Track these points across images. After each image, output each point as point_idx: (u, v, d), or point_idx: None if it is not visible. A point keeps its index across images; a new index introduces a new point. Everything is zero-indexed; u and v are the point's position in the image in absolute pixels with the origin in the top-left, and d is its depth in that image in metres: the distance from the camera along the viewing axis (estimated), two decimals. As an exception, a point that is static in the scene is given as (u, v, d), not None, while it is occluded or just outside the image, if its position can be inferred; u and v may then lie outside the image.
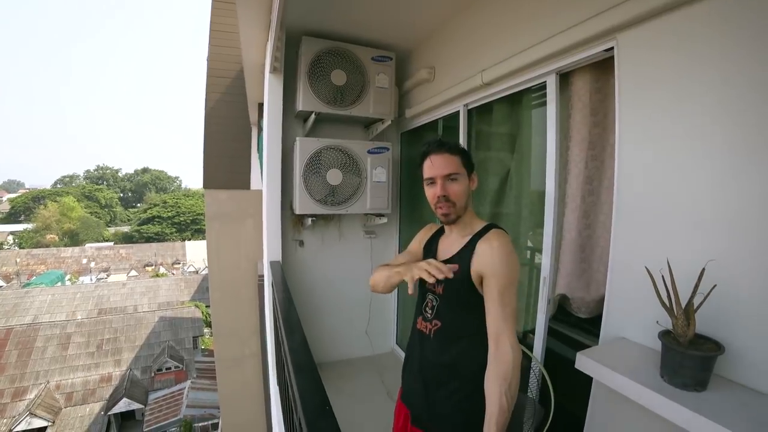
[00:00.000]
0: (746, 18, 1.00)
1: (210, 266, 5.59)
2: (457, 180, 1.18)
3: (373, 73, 2.80)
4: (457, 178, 1.18)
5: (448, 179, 1.18)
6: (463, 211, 1.21)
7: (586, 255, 1.64)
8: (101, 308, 16.84)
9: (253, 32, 2.60)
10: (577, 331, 1.72)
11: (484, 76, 2.03)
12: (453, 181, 1.18)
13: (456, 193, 1.18)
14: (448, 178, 1.18)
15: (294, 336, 1.25)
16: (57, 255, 27.52)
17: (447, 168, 1.18)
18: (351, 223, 3.22)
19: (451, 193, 1.18)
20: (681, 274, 1.04)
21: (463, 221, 1.23)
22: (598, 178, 1.61)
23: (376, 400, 2.68)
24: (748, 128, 1.00)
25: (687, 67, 1.15)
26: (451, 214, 1.20)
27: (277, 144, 2.53)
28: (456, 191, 1.18)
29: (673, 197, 1.19)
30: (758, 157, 0.98)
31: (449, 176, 1.18)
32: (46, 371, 13.23)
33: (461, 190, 1.19)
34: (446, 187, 1.18)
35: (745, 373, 1.00)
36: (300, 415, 0.84)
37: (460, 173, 1.19)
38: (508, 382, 1.01)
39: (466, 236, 1.21)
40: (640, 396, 1.05)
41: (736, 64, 1.03)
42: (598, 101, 1.58)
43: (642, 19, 1.25)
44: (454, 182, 1.18)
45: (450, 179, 1.18)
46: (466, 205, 1.22)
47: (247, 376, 5.45)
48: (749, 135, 1.00)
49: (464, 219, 1.23)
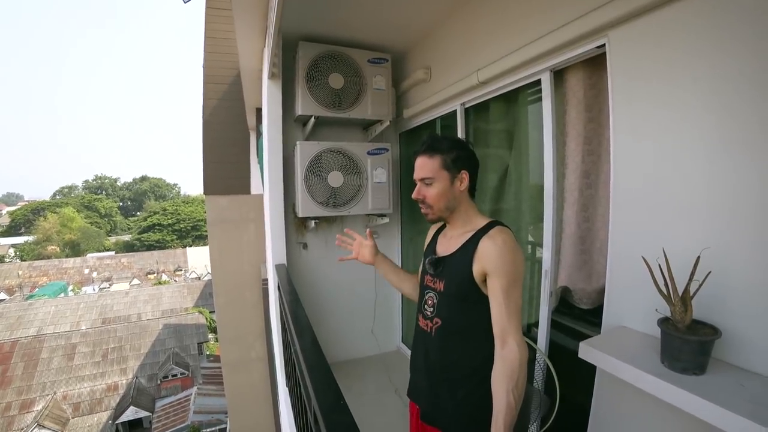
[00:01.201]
0: (733, 13, 1.03)
1: (213, 272, 5.63)
2: (431, 185, 1.21)
3: (370, 76, 2.83)
4: (431, 182, 1.21)
5: (423, 183, 1.23)
6: (444, 212, 1.23)
7: (585, 247, 1.68)
8: (105, 317, 16.89)
9: (250, 39, 2.64)
10: (579, 322, 1.76)
11: (480, 75, 2.07)
12: (428, 186, 1.22)
13: (431, 196, 1.22)
14: (423, 182, 1.23)
15: (304, 336, 1.28)
16: (59, 266, 27.55)
17: (422, 172, 1.23)
18: (353, 224, 3.25)
19: (426, 196, 1.22)
20: (677, 263, 1.07)
21: (461, 218, 1.25)
22: (595, 172, 1.64)
23: (384, 398, 2.72)
24: (739, 119, 1.03)
25: (677, 62, 1.18)
26: (429, 215, 1.25)
27: (277, 149, 2.56)
28: (431, 195, 1.22)
29: (668, 188, 1.22)
30: (748, 147, 1.01)
31: (423, 180, 1.22)
32: (53, 382, 13.28)
33: (436, 194, 1.21)
34: (422, 190, 1.23)
35: (741, 356, 1.04)
36: (315, 409, 0.87)
37: (435, 177, 1.21)
38: (515, 380, 1.01)
39: (468, 233, 1.21)
40: (642, 381, 1.08)
41: (724, 57, 1.06)
42: (593, 97, 1.62)
43: (632, 16, 1.28)
44: (429, 186, 1.22)
45: (425, 183, 1.22)
46: (448, 206, 1.23)
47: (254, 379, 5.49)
48: (739, 126, 1.03)
49: (462, 216, 1.24)
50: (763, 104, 0.98)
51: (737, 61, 1.03)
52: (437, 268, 1.25)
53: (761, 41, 0.98)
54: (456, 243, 1.23)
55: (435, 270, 1.26)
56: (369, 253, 1.54)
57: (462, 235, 1.22)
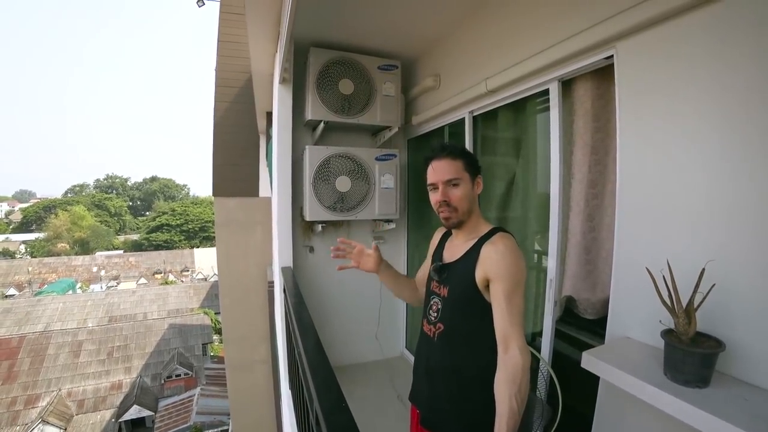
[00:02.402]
0: (738, 27, 1.04)
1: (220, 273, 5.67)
2: (458, 185, 1.20)
3: (379, 82, 2.86)
4: (458, 183, 1.20)
5: (449, 185, 1.20)
6: (466, 215, 1.22)
7: (591, 257, 1.68)
8: (111, 316, 17.04)
9: (263, 44, 2.69)
10: (583, 332, 1.75)
11: (489, 84, 2.08)
12: (454, 187, 1.20)
13: (457, 198, 1.20)
14: (449, 184, 1.20)
15: (308, 338, 1.29)
16: (68, 263, 27.93)
17: (447, 173, 1.20)
18: (360, 229, 3.27)
19: (452, 198, 1.20)
20: (681, 274, 1.07)
21: (469, 225, 1.25)
22: (601, 182, 1.64)
23: (386, 403, 2.71)
24: (743, 132, 1.04)
25: (683, 74, 1.19)
26: (453, 219, 1.22)
27: (287, 152, 2.60)
28: (457, 196, 1.20)
29: (673, 200, 1.22)
30: (753, 160, 1.02)
31: (450, 181, 1.20)
32: (58, 378, 13.41)
33: (462, 195, 1.20)
34: (447, 192, 1.20)
35: (745, 370, 1.03)
36: (317, 411, 0.88)
37: (462, 178, 1.20)
38: (518, 385, 1.01)
39: (472, 239, 1.22)
40: (644, 393, 1.08)
41: (730, 71, 1.07)
42: (600, 107, 1.62)
43: (640, 28, 1.29)
44: (455, 187, 1.20)
45: (451, 185, 1.20)
46: (470, 209, 1.22)
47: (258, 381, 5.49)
48: (744, 139, 1.04)
49: (470, 222, 1.24)
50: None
51: (742, 75, 1.04)
52: (442, 274, 1.26)
53: (766, 55, 0.98)
54: (461, 250, 1.24)
55: (440, 276, 1.27)
56: (373, 263, 1.48)
57: (467, 242, 1.23)
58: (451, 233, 1.35)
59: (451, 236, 1.35)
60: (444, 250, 1.34)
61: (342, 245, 1.51)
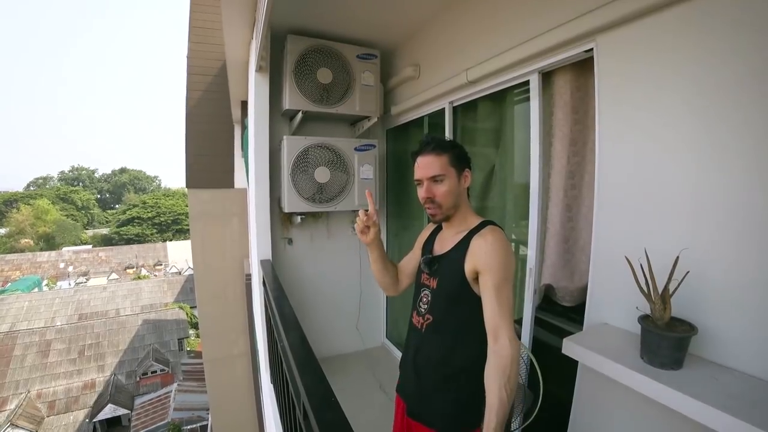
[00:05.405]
0: (717, 21, 1.07)
1: (195, 266, 5.55)
2: (442, 181, 1.19)
3: (358, 71, 2.82)
4: (442, 179, 1.19)
5: (433, 181, 1.20)
6: (451, 210, 1.23)
7: (569, 246, 1.72)
8: (82, 313, 16.47)
9: (238, 31, 2.59)
10: (562, 319, 1.80)
11: (469, 75, 2.08)
12: (438, 183, 1.20)
13: (441, 194, 1.20)
14: (433, 180, 1.20)
15: (293, 333, 1.27)
16: (33, 260, 26.65)
17: (431, 170, 1.20)
18: (339, 220, 3.24)
19: (437, 194, 1.20)
20: (658, 263, 1.11)
21: (458, 218, 1.25)
22: (579, 172, 1.68)
23: (368, 394, 2.73)
24: (720, 123, 1.07)
25: (662, 67, 1.22)
26: (438, 215, 1.23)
27: (264, 143, 2.53)
28: (441, 192, 1.20)
29: (650, 190, 1.26)
30: (728, 151, 1.05)
31: (434, 178, 1.20)
32: (26, 380, 12.89)
33: (446, 191, 1.20)
34: (431, 188, 1.20)
35: (716, 352, 1.09)
36: (306, 406, 0.87)
37: (446, 174, 1.19)
38: (507, 375, 1.01)
39: (462, 232, 1.22)
40: (622, 376, 1.12)
41: (705, 65, 1.10)
42: (579, 99, 1.65)
43: (620, 22, 1.31)
44: (440, 183, 1.20)
45: (435, 181, 1.20)
46: (455, 204, 1.23)
47: (237, 375, 5.44)
48: (720, 130, 1.07)
49: (459, 216, 1.25)
50: (743, 109, 1.02)
51: (719, 68, 1.07)
52: (432, 266, 1.26)
53: (743, 48, 1.01)
54: (450, 242, 1.25)
55: (430, 269, 1.27)
56: (374, 234, 1.35)
57: (456, 235, 1.24)
58: (441, 227, 1.35)
59: (442, 230, 1.35)
60: (434, 242, 1.35)
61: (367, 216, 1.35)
